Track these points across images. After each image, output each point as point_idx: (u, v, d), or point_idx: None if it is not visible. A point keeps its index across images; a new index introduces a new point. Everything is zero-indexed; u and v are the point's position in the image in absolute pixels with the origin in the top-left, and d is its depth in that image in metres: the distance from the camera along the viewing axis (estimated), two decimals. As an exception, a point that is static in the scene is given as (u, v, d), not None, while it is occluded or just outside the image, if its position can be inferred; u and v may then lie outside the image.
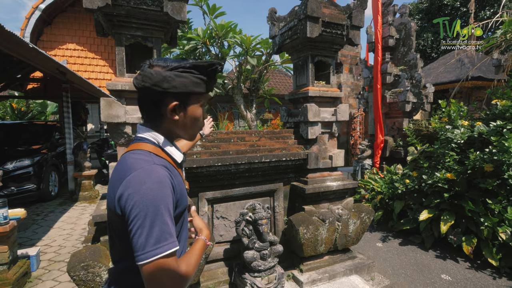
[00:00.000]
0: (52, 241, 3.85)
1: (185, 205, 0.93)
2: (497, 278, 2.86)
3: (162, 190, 0.77)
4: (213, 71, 0.89)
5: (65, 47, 8.68)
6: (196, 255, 0.87)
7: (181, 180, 0.94)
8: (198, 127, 0.95)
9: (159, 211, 0.74)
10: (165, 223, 0.75)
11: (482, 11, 14.27)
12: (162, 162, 0.85)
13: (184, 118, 0.89)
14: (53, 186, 5.85)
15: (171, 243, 0.75)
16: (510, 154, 2.95)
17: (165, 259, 0.73)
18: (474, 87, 10.00)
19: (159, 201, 0.75)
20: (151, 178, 0.77)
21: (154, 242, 0.72)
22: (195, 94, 0.88)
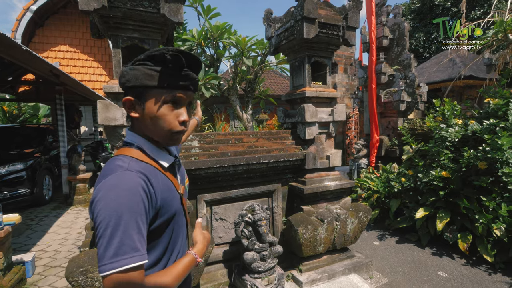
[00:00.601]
0: (47, 246, 3.79)
1: (172, 212, 0.86)
2: (492, 274, 2.91)
3: (129, 199, 0.71)
4: (168, 60, 0.77)
5: (58, 49, 8.58)
6: (176, 272, 0.79)
7: (170, 185, 0.87)
8: (162, 127, 0.83)
9: (121, 222, 0.69)
10: (127, 234, 0.69)
11: (472, 11, 14.51)
12: (139, 167, 0.79)
13: (144, 115, 0.83)
14: (47, 190, 5.76)
15: (132, 257, 0.69)
16: (503, 152, 3.01)
17: (124, 274, 0.68)
18: (465, 86, 10.17)
19: (124, 210, 0.70)
20: (119, 186, 0.73)
21: (112, 255, 0.68)
22: (151, 88, 0.79)
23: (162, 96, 0.80)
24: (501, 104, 3.33)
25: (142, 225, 0.73)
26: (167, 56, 0.77)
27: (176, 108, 0.83)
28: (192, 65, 0.83)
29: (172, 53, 0.77)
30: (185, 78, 0.81)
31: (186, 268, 0.82)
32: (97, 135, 8.79)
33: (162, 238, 0.85)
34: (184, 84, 0.82)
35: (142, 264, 0.72)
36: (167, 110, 0.81)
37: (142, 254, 0.72)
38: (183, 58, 0.79)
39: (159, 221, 0.82)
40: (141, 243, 0.72)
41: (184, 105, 0.85)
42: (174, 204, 0.87)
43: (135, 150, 0.85)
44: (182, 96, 0.83)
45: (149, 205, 0.76)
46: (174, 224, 0.89)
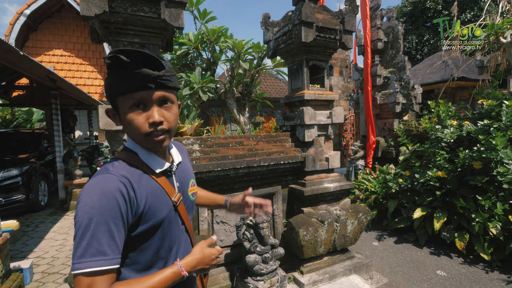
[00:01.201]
0: (45, 252, 3.75)
1: (159, 219, 0.83)
2: (490, 272, 2.96)
3: (102, 202, 0.71)
4: (109, 65, 0.75)
5: (52, 53, 8.53)
6: (151, 282, 0.75)
7: (159, 191, 0.85)
8: (134, 132, 0.81)
9: (91, 224, 0.69)
10: (95, 238, 0.69)
11: (463, 14, 14.80)
12: (125, 172, 0.79)
13: (122, 122, 0.83)
14: (43, 196, 5.69)
15: (98, 261, 0.69)
16: (497, 152, 3.07)
17: (86, 278, 0.68)
18: (458, 87, 10.35)
19: (95, 213, 0.70)
20: (94, 189, 0.73)
21: (79, 255, 0.69)
22: (116, 96, 0.79)
23: (124, 102, 0.79)
24: (494, 105, 3.40)
25: (114, 229, 0.72)
26: (105, 61, 0.75)
27: (144, 110, 0.79)
28: (142, 61, 0.76)
29: (111, 55, 0.74)
30: (137, 77, 0.75)
31: (166, 280, 0.77)
32: (92, 139, 8.72)
33: (149, 244, 0.83)
34: (140, 83, 0.76)
35: (109, 268, 0.70)
36: (134, 114, 0.79)
37: (110, 259, 0.71)
38: (123, 57, 0.73)
39: (144, 227, 0.80)
40: (111, 247, 0.71)
41: (152, 105, 0.80)
42: (162, 210, 0.84)
43: (129, 154, 0.86)
44: (145, 97, 0.78)
45: (127, 209, 0.75)
46: (164, 232, 0.85)
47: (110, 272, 0.72)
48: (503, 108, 3.25)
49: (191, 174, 1.04)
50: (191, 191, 1.00)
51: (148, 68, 0.77)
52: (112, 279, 0.73)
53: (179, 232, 0.92)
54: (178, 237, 0.92)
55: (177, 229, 0.92)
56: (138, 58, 0.76)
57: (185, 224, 0.96)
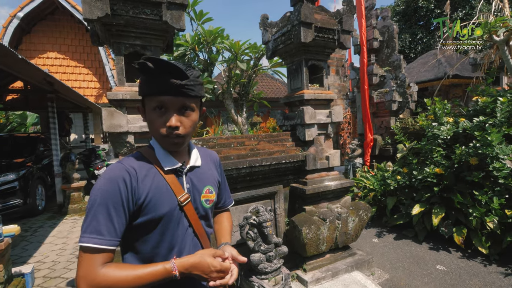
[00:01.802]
0: (45, 257, 3.72)
1: (159, 213, 0.86)
2: (488, 265, 3.02)
3: (106, 186, 0.80)
4: (140, 70, 0.83)
5: (46, 55, 8.45)
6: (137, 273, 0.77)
7: (164, 187, 0.89)
8: (153, 132, 0.90)
9: (94, 205, 0.79)
10: (95, 218, 0.78)
11: (455, 13, 15.01)
12: (134, 164, 0.88)
13: (146, 120, 0.92)
14: (40, 200, 5.64)
15: (92, 238, 0.76)
16: (493, 148, 3.14)
17: (83, 252, 0.77)
18: (451, 84, 10.50)
19: (99, 196, 0.79)
20: (104, 175, 0.83)
21: (83, 230, 0.78)
22: (146, 96, 0.88)
23: (150, 103, 0.87)
24: (489, 101, 3.47)
25: (113, 212, 0.79)
26: (135, 66, 0.83)
27: (164, 113, 0.86)
28: (167, 71, 0.82)
29: (140, 61, 0.81)
30: (162, 84, 0.83)
31: (155, 273, 0.78)
32: (89, 142, 8.65)
33: (149, 237, 0.88)
34: (164, 89, 0.83)
35: (103, 248, 0.77)
36: (155, 116, 0.87)
37: (105, 239, 0.77)
38: (150, 64, 0.80)
39: (144, 219, 0.85)
40: (108, 229, 0.78)
41: (172, 110, 0.86)
42: (164, 206, 0.87)
43: (148, 150, 0.95)
44: (167, 102, 0.85)
45: (128, 196, 0.82)
46: (164, 228, 0.88)
47: (105, 251, 0.78)
48: (498, 104, 3.32)
49: (210, 182, 1.03)
50: (205, 198, 1.00)
51: (174, 76, 0.83)
52: (108, 258, 0.79)
53: (183, 233, 0.93)
54: (182, 238, 0.92)
55: (181, 230, 0.92)
56: (164, 66, 0.82)
57: (193, 227, 0.96)
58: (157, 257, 0.89)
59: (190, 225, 0.95)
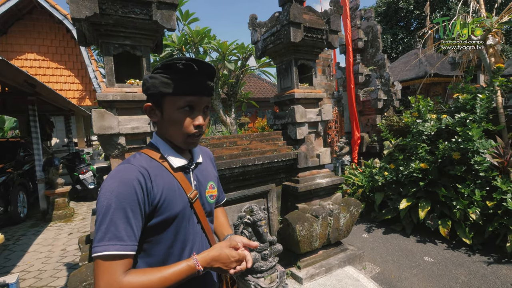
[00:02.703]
0: (30, 266, 3.58)
1: (173, 212, 0.86)
2: (471, 255, 3.16)
3: (121, 189, 0.76)
4: (181, 70, 0.83)
5: (24, 57, 8.13)
6: (163, 274, 0.76)
7: (176, 186, 0.89)
8: (178, 131, 0.88)
9: (110, 209, 0.74)
10: (113, 223, 0.74)
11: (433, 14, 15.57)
12: (145, 164, 0.85)
13: (162, 120, 0.89)
14: (22, 207, 5.41)
15: (114, 245, 0.72)
16: (474, 142, 3.29)
17: (103, 261, 0.72)
18: (431, 83, 10.90)
19: (114, 199, 0.75)
20: (115, 177, 0.79)
21: (98, 239, 0.73)
22: (167, 95, 0.85)
23: (177, 102, 0.85)
24: (469, 98, 3.63)
25: (131, 215, 0.76)
26: (179, 66, 0.82)
27: (192, 112, 0.88)
28: (206, 72, 0.86)
29: (185, 62, 0.82)
30: (198, 84, 0.85)
31: (180, 272, 0.78)
32: (72, 146, 8.38)
33: (163, 238, 0.86)
34: (198, 90, 0.86)
35: (125, 254, 0.74)
36: (182, 114, 0.86)
37: (126, 244, 0.74)
38: (195, 66, 0.83)
39: (159, 219, 0.83)
40: (128, 233, 0.75)
41: (199, 109, 0.89)
42: (178, 204, 0.87)
43: (152, 149, 0.93)
44: (196, 101, 0.87)
45: (144, 198, 0.80)
46: (178, 227, 0.88)
47: (126, 257, 0.75)
48: (477, 101, 3.48)
49: (211, 177, 1.06)
50: (209, 193, 1.02)
51: (207, 78, 0.87)
52: (129, 265, 0.75)
53: (194, 230, 0.94)
54: (193, 235, 0.93)
55: (193, 227, 0.93)
56: (204, 68, 0.85)
57: (202, 224, 0.97)
58: (171, 257, 0.88)
59: (198, 222, 0.96)
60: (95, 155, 9.32)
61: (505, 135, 3.61)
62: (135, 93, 2.05)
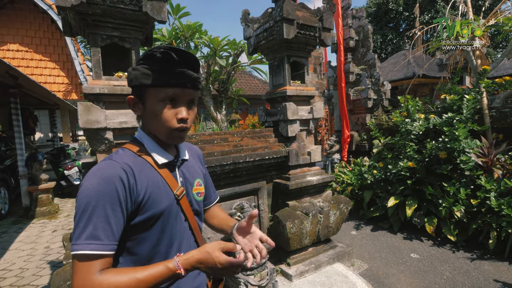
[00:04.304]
0: (11, 264, 3.45)
1: (159, 210, 0.83)
2: (456, 252, 3.24)
3: (101, 187, 0.74)
4: (159, 58, 0.78)
5: (6, 47, 7.80)
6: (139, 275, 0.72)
7: (160, 183, 0.86)
8: (161, 125, 0.84)
9: (88, 208, 0.72)
10: (91, 221, 0.71)
11: (421, 16, 15.87)
12: (128, 160, 0.82)
13: (145, 112, 0.86)
14: (3, 204, 5.22)
15: (89, 244, 0.70)
16: (460, 142, 3.37)
17: (78, 260, 0.71)
18: (419, 84, 11.13)
19: (93, 197, 0.73)
20: (95, 174, 0.76)
21: (75, 237, 0.71)
22: (149, 87, 0.82)
23: (158, 94, 0.82)
24: (456, 99, 3.71)
25: (111, 214, 0.73)
26: (156, 54, 0.78)
27: (175, 106, 0.83)
28: (188, 62, 0.81)
29: (162, 50, 0.78)
30: (179, 75, 0.80)
31: (158, 274, 0.73)
32: (57, 141, 8.13)
33: (148, 236, 0.83)
34: (180, 81, 0.81)
35: (101, 253, 0.71)
36: (164, 107, 0.82)
37: (103, 244, 0.72)
38: (174, 55, 0.78)
39: (143, 217, 0.81)
40: (106, 232, 0.72)
41: (183, 102, 0.84)
42: (163, 201, 0.84)
43: (136, 145, 0.89)
44: (178, 94, 0.82)
45: (126, 196, 0.77)
46: (164, 224, 0.85)
47: (104, 257, 0.72)
48: (464, 102, 3.56)
49: (198, 174, 1.03)
50: (196, 190, 0.99)
51: (191, 68, 0.82)
52: (106, 264, 0.73)
53: (181, 228, 0.91)
54: (181, 233, 0.90)
55: (180, 225, 0.90)
56: (185, 58, 0.80)
57: (189, 221, 0.94)
58: (157, 256, 0.85)
59: (186, 219, 0.93)
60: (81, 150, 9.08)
61: (489, 135, 3.72)
62: (124, 86, 1.99)
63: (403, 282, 2.71)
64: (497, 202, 2.96)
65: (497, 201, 2.97)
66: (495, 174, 3.32)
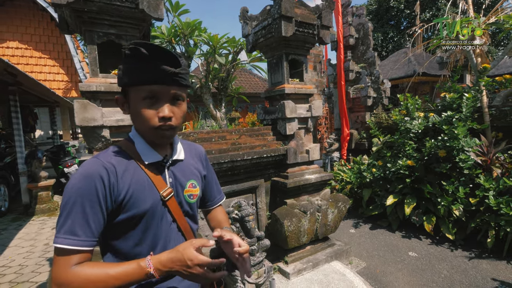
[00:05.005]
0: (10, 261, 3.47)
1: (142, 209, 0.82)
2: (454, 250, 3.24)
3: (81, 184, 0.75)
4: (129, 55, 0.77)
5: (5, 45, 7.79)
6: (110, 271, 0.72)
7: (145, 182, 0.84)
8: (143, 123, 0.82)
9: (68, 204, 0.74)
10: (70, 217, 0.73)
11: (423, 13, 15.79)
12: (112, 158, 0.82)
13: (130, 112, 0.86)
14: (3, 201, 5.23)
15: (65, 239, 0.72)
16: (459, 141, 3.36)
17: (58, 254, 0.73)
18: (420, 82, 11.08)
19: (73, 194, 0.75)
20: (79, 172, 0.78)
21: (57, 231, 0.74)
22: (129, 86, 0.81)
23: (138, 92, 0.80)
24: (456, 97, 3.70)
25: (89, 211, 0.75)
26: (125, 51, 0.77)
27: (156, 103, 0.81)
28: (163, 57, 0.78)
29: (131, 46, 0.76)
30: (155, 71, 0.77)
31: (128, 272, 0.73)
32: (57, 138, 8.14)
33: (130, 235, 0.83)
34: (156, 77, 0.78)
35: (77, 249, 0.73)
36: (145, 106, 0.80)
37: (80, 240, 0.73)
38: (144, 50, 0.75)
39: (125, 215, 0.80)
40: (83, 229, 0.74)
41: (165, 100, 0.81)
42: (146, 202, 0.83)
43: (127, 143, 0.90)
44: (157, 91, 0.79)
45: (106, 194, 0.78)
46: (148, 224, 0.84)
47: (80, 252, 0.74)
48: (464, 100, 3.55)
49: (194, 176, 0.99)
50: (188, 192, 0.95)
51: (167, 63, 0.78)
52: (84, 258, 0.75)
53: (167, 229, 0.89)
54: (166, 234, 0.89)
55: (165, 226, 0.89)
56: (158, 53, 0.77)
57: (178, 223, 0.92)
58: (140, 256, 0.83)
59: (174, 221, 0.91)
60: (81, 148, 9.09)
61: (488, 134, 3.70)
62: (121, 84, 1.98)
63: (400, 281, 2.72)
64: (496, 201, 2.95)
65: (496, 200, 2.96)
66: (494, 173, 3.31)
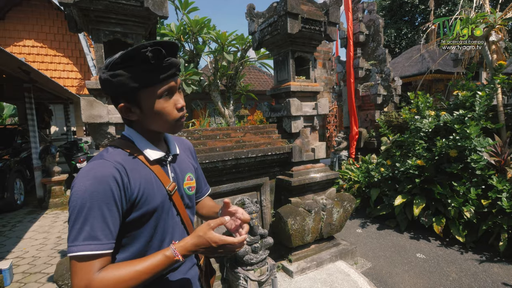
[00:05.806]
0: (24, 252, 3.60)
1: (152, 206, 0.84)
2: (464, 253, 3.15)
3: (95, 187, 0.73)
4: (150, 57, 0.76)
5: (22, 43, 8.05)
6: (139, 266, 0.74)
7: (153, 179, 0.86)
8: (165, 120, 0.84)
9: (84, 209, 0.71)
10: (88, 222, 0.71)
11: (438, 9, 15.31)
12: (119, 158, 0.81)
13: (143, 114, 0.84)
14: (19, 195, 5.43)
15: (88, 245, 0.70)
16: (471, 140, 3.25)
17: (77, 261, 0.71)
18: (434, 79, 10.77)
19: (88, 198, 0.72)
20: (88, 174, 0.75)
21: (72, 239, 0.71)
22: (142, 88, 0.79)
23: (155, 92, 0.81)
24: (469, 96, 3.58)
25: (108, 214, 0.74)
26: (147, 54, 0.75)
27: (171, 97, 0.84)
28: (171, 51, 0.81)
29: (152, 48, 0.76)
30: (169, 67, 0.81)
31: (158, 263, 0.75)
32: (70, 135, 8.37)
33: (142, 232, 0.84)
34: (171, 72, 0.82)
35: (100, 253, 0.72)
36: (164, 102, 0.83)
37: (102, 244, 0.72)
38: (163, 50, 0.77)
39: (137, 214, 0.81)
40: (104, 232, 0.73)
41: (175, 91, 0.86)
42: (156, 198, 0.85)
43: (125, 142, 0.89)
44: (172, 85, 0.83)
45: (121, 195, 0.77)
46: (158, 220, 0.86)
47: (103, 256, 0.73)
48: (477, 98, 3.43)
49: (189, 169, 1.03)
50: (187, 185, 0.99)
51: (173, 56, 0.82)
52: (105, 262, 0.74)
53: (173, 222, 0.92)
54: (172, 228, 0.91)
55: (172, 220, 0.91)
56: (169, 48, 0.79)
57: (181, 216, 0.95)
58: (150, 251, 0.86)
59: (178, 214, 0.94)
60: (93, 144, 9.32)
61: (503, 133, 3.57)
62: (126, 81, 2.02)
63: (406, 282, 2.67)
64: (509, 203, 2.85)
65: (509, 202, 2.86)
66: (508, 174, 3.19)
